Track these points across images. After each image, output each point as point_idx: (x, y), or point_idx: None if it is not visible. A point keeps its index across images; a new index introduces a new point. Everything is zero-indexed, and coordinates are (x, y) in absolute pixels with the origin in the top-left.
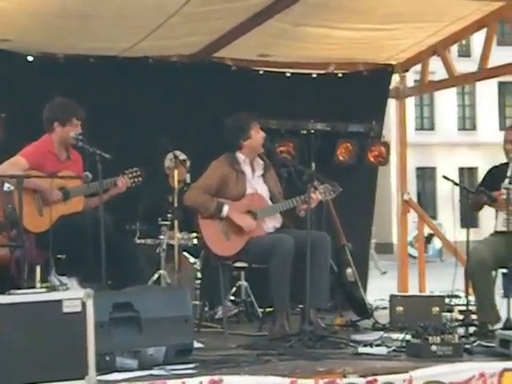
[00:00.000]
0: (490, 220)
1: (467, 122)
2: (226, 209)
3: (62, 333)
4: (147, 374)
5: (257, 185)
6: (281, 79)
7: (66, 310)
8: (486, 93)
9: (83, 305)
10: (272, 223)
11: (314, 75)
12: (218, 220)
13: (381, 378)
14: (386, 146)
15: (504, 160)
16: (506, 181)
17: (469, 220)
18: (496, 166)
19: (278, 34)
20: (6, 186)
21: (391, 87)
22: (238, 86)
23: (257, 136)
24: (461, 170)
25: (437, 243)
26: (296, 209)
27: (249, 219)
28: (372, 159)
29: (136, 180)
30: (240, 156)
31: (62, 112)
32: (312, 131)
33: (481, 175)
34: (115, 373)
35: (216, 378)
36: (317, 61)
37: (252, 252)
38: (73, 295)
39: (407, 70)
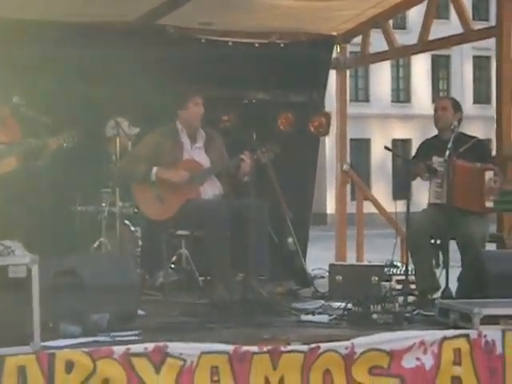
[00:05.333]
0: (421, 192)
1: (401, 95)
2: (154, 170)
3: (6, 298)
4: (91, 341)
5: (195, 155)
6: (223, 48)
7: (11, 275)
8: (420, 66)
9: (28, 270)
10: (211, 190)
11: (257, 44)
12: (149, 184)
13: (323, 346)
14: (327, 116)
15: (436, 132)
16: (447, 152)
17: (406, 191)
18: (428, 139)
19: (220, 2)
20: None
21: (332, 58)
22: (180, 53)
23: (194, 109)
24: (395, 141)
25: None
26: (238, 175)
27: (181, 172)
28: (313, 129)
29: (71, 140)
30: (178, 126)
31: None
32: (253, 100)
33: (414, 147)
34: (59, 339)
35: (161, 344)
36: (259, 30)
37: (187, 215)
38: (18, 261)
39: (348, 42)
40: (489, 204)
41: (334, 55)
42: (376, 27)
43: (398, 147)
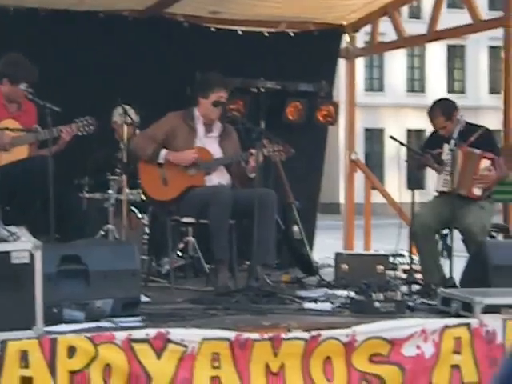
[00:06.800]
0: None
1: (416, 84)
2: (163, 152)
3: (10, 284)
4: (94, 326)
5: (208, 143)
6: (232, 37)
7: (14, 261)
8: (436, 55)
9: (31, 256)
10: (218, 179)
11: (266, 34)
12: (156, 166)
13: (324, 333)
14: (335, 105)
15: None
16: (452, 142)
17: (414, 181)
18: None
19: None
20: None
21: (341, 47)
22: (190, 42)
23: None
24: (408, 131)
25: None
26: (246, 170)
27: (189, 154)
28: (321, 119)
29: (87, 128)
30: (196, 112)
31: (14, 71)
32: (262, 89)
33: None
34: (63, 324)
35: (163, 330)
36: (269, 19)
37: (189, 202)
38: (21, 247)
39: (357, 31)
40: (476, 191)
41: (344, 45)
42: (385, 16)
43: (412, 137)
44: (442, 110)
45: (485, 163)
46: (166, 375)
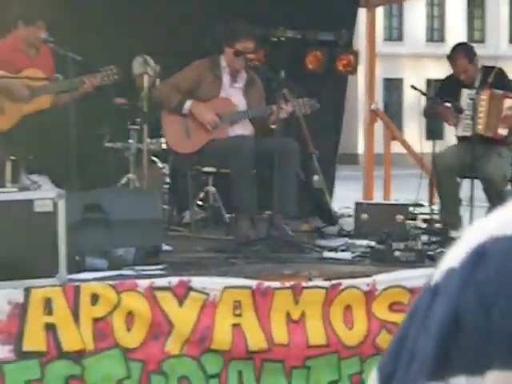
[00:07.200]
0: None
1: (435, 34)
2: (188, 103)
3: (33, 232)
4: (117, 274)
5: (232, 94)
6: None
7: (37, 209)
8: (455, 5)
9: (55, 205)
10: (240, 130)
11: None
12: (181, 117)
13: (345, 282)
14: (355, 54)
15: None
16: (473, 91)
17: (434, 131)
18: (452, 74)
19: None
20: None
21: None
22: None
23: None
24: (428, 81)
25: None
26: (267, 121)
27: (212, 115)
28: (341, 68)
29: (111, 78)
30: (222, 61)
31: (26, 11)
32: (282, 38)
33: None
34: (85, 272)
35: (184, 278)
36: None
37: (211, 153)
38: (44, 195)
39: None
40: (502, 131)
41: None
42: None
43: (432, 87)
44: (465, 52)
45: (508, 103)
46: (188, 323)
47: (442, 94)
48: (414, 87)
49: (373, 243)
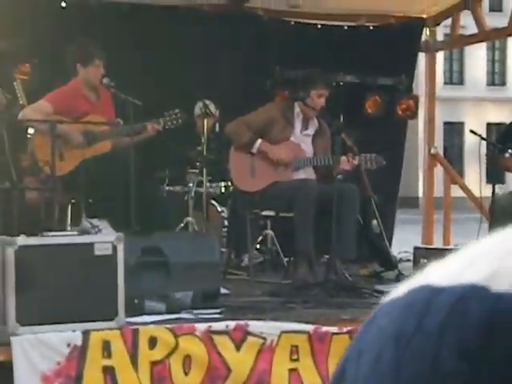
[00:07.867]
0: None
1: (496, 78)
2: (259, 141)
3: (93, 275)
4: (175, 318)
5: (302, 141)
6: (311, 30)
7: (97, 252)
8: None
9: (114, 248)
10: (304, 175)
11: (345, 27)
12: (248, 155)
13: None
14: (415, 99)
15: None
16: None
17: (494, 175)
18: None
19: None
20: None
21: (421, 41)
22: (269, 36)
23: (315, 100)
24: (488, 125)
25: None
26: (332, 170)
27: (284, 153)
28: (400, 112)
29: (175, 122)
30: (297, 108)
31: (81, 53)
32: (341, 83)
33: None
34: (144, 315)
35: (242, 322)
36: (348, 12)
37: (274, 195)
38: (104, 238)
39: (438, 24)
40: None
41: (424, 38)
42: (466, 9)
43: (492, 131)
44: None
45: None
46: (245, 367)
47: (507, 139)
48: (473, 132)
49: None
